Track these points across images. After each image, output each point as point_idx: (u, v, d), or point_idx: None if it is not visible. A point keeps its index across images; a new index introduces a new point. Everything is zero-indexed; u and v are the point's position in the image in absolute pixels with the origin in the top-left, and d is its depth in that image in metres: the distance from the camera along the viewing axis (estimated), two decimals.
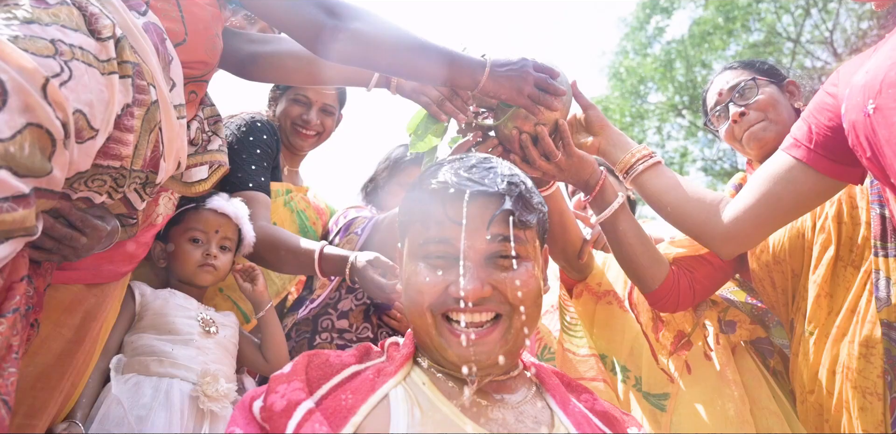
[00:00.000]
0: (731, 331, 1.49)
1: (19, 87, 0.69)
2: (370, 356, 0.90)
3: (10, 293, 0.84)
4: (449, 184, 0.80)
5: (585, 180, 1.33)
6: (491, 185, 0.80)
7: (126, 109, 0.86)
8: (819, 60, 12.01)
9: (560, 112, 1.25)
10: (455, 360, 0.79)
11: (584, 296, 1.72)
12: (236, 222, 1.49)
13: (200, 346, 1.34)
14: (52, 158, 0.75)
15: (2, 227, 0.69)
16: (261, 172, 1.69)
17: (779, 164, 1.10)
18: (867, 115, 0.87)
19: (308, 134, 1.90)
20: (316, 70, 1.34)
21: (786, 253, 1.33)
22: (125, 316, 1.35)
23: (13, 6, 0.77)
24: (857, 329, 1.13)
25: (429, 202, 0.82)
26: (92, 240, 0.99)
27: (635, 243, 1.33)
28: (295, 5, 1.09)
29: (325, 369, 0.82)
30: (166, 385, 1.24)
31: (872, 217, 1.18)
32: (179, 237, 1.47)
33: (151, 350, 1.29)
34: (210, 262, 1.45)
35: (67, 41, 0.78)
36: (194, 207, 1.48)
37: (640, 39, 13.33)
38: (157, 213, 1.29)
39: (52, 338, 1.11)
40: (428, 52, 1.14)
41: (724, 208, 1.16)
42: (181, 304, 1.40)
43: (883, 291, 1.12)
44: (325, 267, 1.48)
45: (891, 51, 0.87)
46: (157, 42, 0.95)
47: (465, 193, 0.78)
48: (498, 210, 0.79)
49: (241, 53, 1.30)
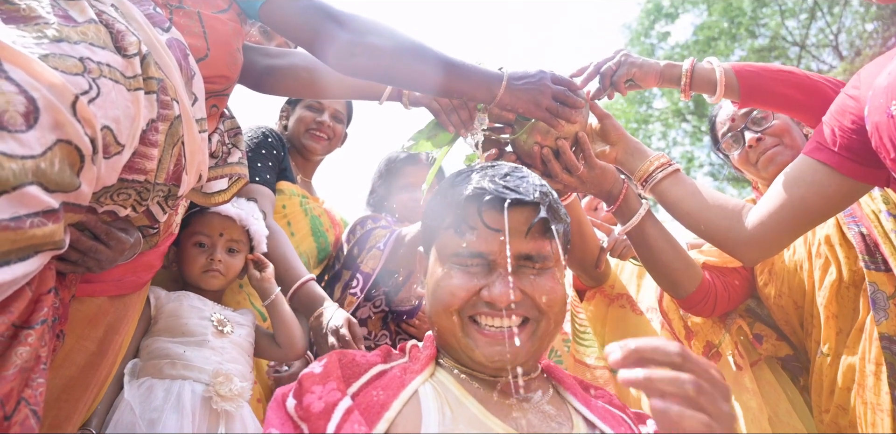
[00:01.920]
0: (759, 344, 1.49)
1: (50, 104, 0.71)
2: (392, 357, 0.92)
3: (38, 305, 0.85)
4: (487, 190, 0.81)
5: (608, 191, 1.33)
6: (526, 193, 0.82)
7: (151, 124, 0.88)
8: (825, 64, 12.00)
9: (579, 124, 1.25)
10: (482, 360, 0.80)
11: (597, 298, 1.72)
12: (242, 224, 1.47)
13: (214, 346, 1.34)
14: (81, 174, 0.77)
15: (32, 242, 0.71)
16: (266, 170, 1.74)
17: (802, 167, 1.09)
18: (890, 116, 0.87)
19: (321, 136, 1.97)
20: (330, 83, 1.35)
21: (786, 286, 1.34)
22: (142, 320, 1.34)
23: (43, 25, 0.79)
24: (865, 347, 1.14)
25: (464, 207, 0.83)
26: (116, 252, 1.01)
27: (666, 248, 1.31)
28: (312, 20, 1.10)
29: (353, 368, 0.84)
30: (178, 387, 1.24)
31: (852, 236, 1.21)
32: (186, 241, 1.46)
33: (165, 353, 1.29)
34: (215, 268, 1.43)
35: (95, 59, 0.80)
36: (199, 211, 1.46)
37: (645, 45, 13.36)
38: (176, 223, 1.31)
39: (76, 350, 1.13)
40: (444, 65, 1.14)
41: (747, 214, 1.15)
42: (195, 306, 1.39)
43: (881, 306, 1.13)
44: (298, 298, 1.48)
45: None
46: (181, 58, 0.97)
47: (505, 201, 0.80)
48: (535, 218, 0.81)
49: (258, 67, 1.32)
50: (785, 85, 1.19)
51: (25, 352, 0.80)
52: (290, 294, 1.50)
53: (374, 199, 2.13)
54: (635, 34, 13.40)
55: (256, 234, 1.50)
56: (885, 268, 1.18)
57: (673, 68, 1.28)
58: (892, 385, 1.08)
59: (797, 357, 1.46)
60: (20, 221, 0.67)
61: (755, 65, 1.25)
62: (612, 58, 1.33)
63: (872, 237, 1.22)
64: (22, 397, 0.83)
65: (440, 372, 0.85)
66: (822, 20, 11.68)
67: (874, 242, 1.21)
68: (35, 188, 0.69)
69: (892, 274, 1.17)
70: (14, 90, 0.68)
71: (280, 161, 1.83)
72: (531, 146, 1.26)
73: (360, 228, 1.88)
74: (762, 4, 11.98)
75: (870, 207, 1.24)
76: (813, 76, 1.20)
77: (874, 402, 1.09)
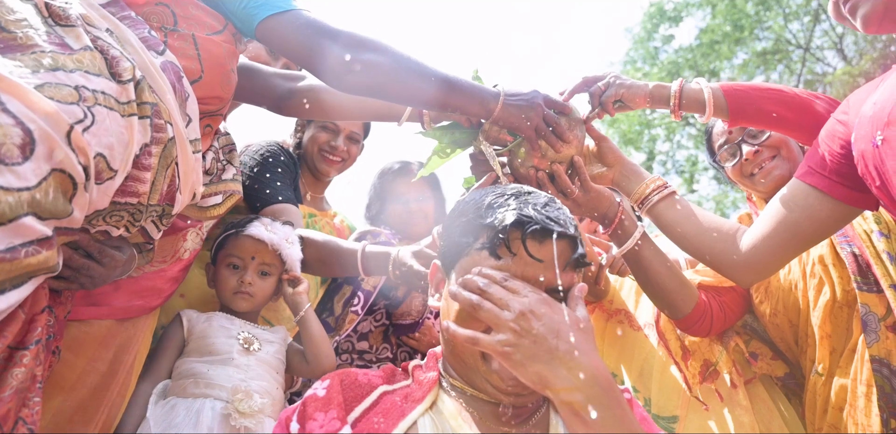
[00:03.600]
0: (754, 361, 1.49)
1: (45, 135, 0.72)
2: (396, 378, 0.93)
3: (32, 325, 0.87)
4: (533, 219, 0.81)
5: (604, 213, 1.34)
6: (566, 227, 0.82)
7: (144, 149, 0.89)
8: (829, 66, 11.98)
9: (575, 148, 1.26)
10: (499, 385, 0.81)
11: (596, 313, 1.72)
12: (274, 248, 1.47)
13: (239, 364, 1.35)
14: (73, 200, 0.78)
15: (27, 270, 0.72)
16: (286, 187, 1.74)
17: (795, 191, 1.10)
18: (876, 146, 0.88)
19: (334, 160, 1.96)
20: (350, 105, 1.36)
21: (780, 305, 1.35)
22: (174, 343, 1.37)
23: (39, 53, 0.80)
24: (857, 367, 1.15)
25: (506, 232, 0.81)
26: (109, 269, 1.02)
27: (661, 270, 1.33)
28: (308, 38, 1.11)
29: (356, 390, 0.85)
30: (199, 405, 1.25)
31: (845, 256, 1.21)
32: (220, 262, 1.49)
33: (190, 372, 1.31)
34: (244, 290, 1.45)
35: (90, 87, 0.81)
36: (234, 233, 1.48)
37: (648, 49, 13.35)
38: (184, 249, 1.32)
39: (87, 372, 1.14)
40: (441, 81, 1.15)
41: (741, 237, 1.16)
42: (223, 325, 1.41)
43: (872, 328, 1.14)
44: (368, 265, 1.45)
45: (894, 85, 0.88)
46: (174, 80, 0.98)
47: (551, 232, 0.80)
48: (574, 254, 0.82)
49: (279, 91, 1.33)
50: (773, 103, 1.20)
51: (21, 373, 0.81)
52: (360, 266, 1.45)
53: (370, 213, 2.16)
54: (638, 38, 13.39)
55: (289, 258, 1.49)
56: (876, 289, 1.19)
57: (662, 89, 1.29)
58: (882, 407, 1.09)
59: (794, 375, 1.46)
60: (15, 252, 0.69)
61: (744, 84, 1.26)
62: (602, 78, 1.34)
63: (864, 257, 1.22)
64: (19, 417, 0.84)
65: (442, 399, 0.86)
66: (825, 22, 11.66)
67: (866, 263, 1.22)
68: (30, 219, 0.70)
69: (884, 295, 1.17)
70: (11, 122, 0.69)
71: (293, 180, 1.82)
72: (528, 170, 1.27)
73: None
74: (766, 7, 11.96)
75: (862, 227, 1.25)
76: (801, 93, 1.21)
77: (864, 424, 1.10)
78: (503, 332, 0.71)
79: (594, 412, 0.67)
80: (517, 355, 0.70)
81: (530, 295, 0.74)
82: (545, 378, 0.68)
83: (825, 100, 1.20)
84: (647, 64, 13.48)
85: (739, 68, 12.55)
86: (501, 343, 0.71)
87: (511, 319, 0.72)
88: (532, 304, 0.73)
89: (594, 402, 0.67)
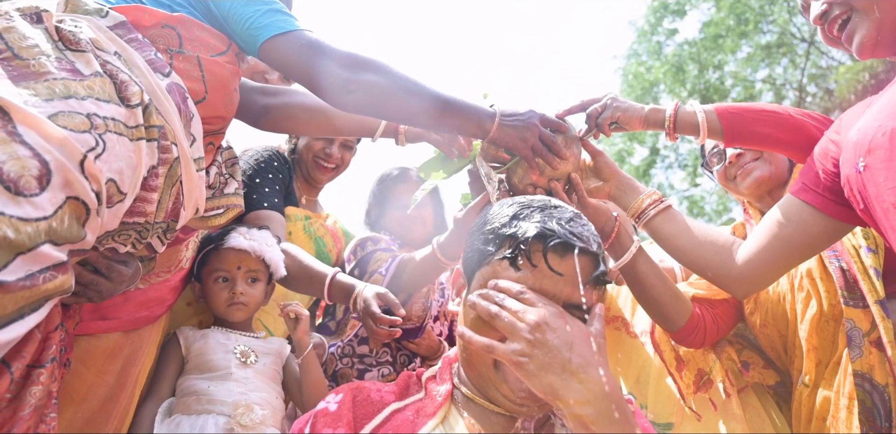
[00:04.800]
0: (745, 371, 1.52)
1: (60, 165, 0.75)
2: (409, 391, 0.95)
3: (47, 343, 0.90)
4: (556, 233, 0.82)
5: (601, 228, 1.37)
6: (589, 243, 0.84)
7: (151, 171, 0.92)
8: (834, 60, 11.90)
9: (572, 165, 1.29)
10: (508, 394, 0.83)
11: None
12: (257, 255, 1.51)
13: (238, 377, 1.39)
14: (86, 224, 0.81)
15: (45, 294, 0.75)
16: (274, 194, 1.76)
17: (789, 206, 1.13)
18: (858, 171, 0.91)
19: (328, 167, 1.99)
20: (324, 121, 1.39)
21: (770, 316, 1.38)
22: (174, 362, 1.42)
23: (52, 81, 0.82)
24: (840, 380, 1.18)
25: (529, 244, 0.82)
26: (116, 283, 1.06)
27: (657, 283, 1.36)
28: (309, 59, 1.13)
29: (367, 407, 0.88)
30: (202, 421, 1.30)
31: (833, 270, 1.24)
32: (207, 278, 1.52)
33: (192, 390, 1.36)
34: (237, 301, 1.49)
35: (101, 114, 0.84)
36: (214, 248, 1.52)
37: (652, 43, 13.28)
38: (186, 258, 1.36)
39: (97, 385, 1.19)
40: (438, 101, 1.18)
41: (737, 250, 1.19)
42: (220, 342, 1.45)
43: (856, 343, 1.17)
44: (333, 292, 1.51)
45: (878, 112, 0.91)
46: (180, 102, 1.01)
47: (573, 247, 0.81)
48: (596, 271, 0.83)
49: (256, 106, 1.36)
50: (767, 125, 1.22)
51: (38, 391, 0.85)
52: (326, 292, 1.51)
53: (370, 219, 2.18)
54: (642, 31, 13.32)
55: (272, 261, 1.53)
56: (862, 304, 1.22)
57: (657, 113, 1.32)
58: (863, 421, 1.12)
59: (784, 383, 1.50)
60: (34, 279, 0.71)
61: (737, 106, 1.28)
62: (599, 100, 1.36)
63: (852, 272, 1.25)
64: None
65: (454, 413, 0.88)
66: None
67: (853, 278, 1.25)
68: (47, 246, 0.73)
69: (869, 311, 1.20)
70: (28, 154, 0.72)
71: (286, 185, 1.85)
72: (526, 186, 1.30)
73: (360, 250, 1.92)
74: (770, 1, 11.87)
75: (850, 242, 1.28)
76: (796, 114, 1.23)
77: None
78: (518, 341, 0.74)
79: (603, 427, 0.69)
80: (530, 365, 0.72)
81: (547, 307, 0.77)
82: (557, 389, 0.70)
83: (819, 120, 1.22)
84: (650, 58, 13.42)
85: (744, 62, 12.49)
86: (516, 352, 0.73)
87: (526, 330, 0.74)
88: (548, 316, 0.75)
89: (604, 416, 0.69)
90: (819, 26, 1.07)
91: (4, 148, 0.71)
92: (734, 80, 12.70)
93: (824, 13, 1.04)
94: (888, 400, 1.13)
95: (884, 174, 0.85)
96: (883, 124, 0.87)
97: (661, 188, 13.36)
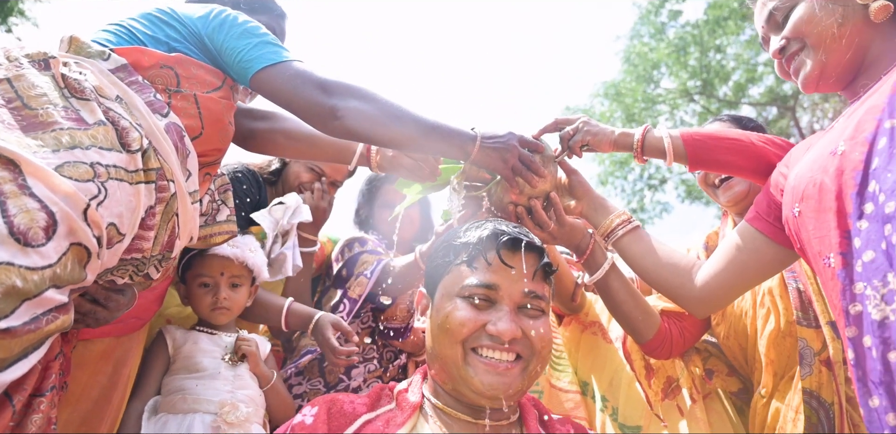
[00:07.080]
0: (709, 378, 1.61)
1: (66, 215, 0.81)
2: (381, 403, 1.04)
3: (47, 373, 0.97)
4: (506, 232, 0.99)
5: (577, 244, 1.45)
6: (534, 241, 1.01)
7: (149, 211, 0.99)
8: None
9: (550, 183, 1.36)
10: (479, 388, 0.93)
11: (573, 324, 1.85)
12: (239, 261, 1.58)
13: (227, 376, 1.47)
14: (87, 266, 0.87)
15: (48, 335, 0.81)
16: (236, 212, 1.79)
17: (744, 233, 1.20)
18: (794, 216, 0.97)
19: None
20: (304, 148, 1.47)
21: (732, 330, 1.46)
22: (161, 360, 1.49)
23: (58, 131, 0.88)
24: (791, 395, 1.26)
25: (482, 244, 0.99)
26: (113, 311, 1.13)
27: (628, 299, 1.44)
28: (298, 88, 1.19)
29: (341, 419, 0.97)
30: (189, 420, 1.37)
31: (790, 290, 1.31)
32: (191, 283, 1.59)
33: (178, 388, 1.42)
34: (221, 305, 1.56)
35: (104, 162, 0.90)
36: (199, 253, 1.58)
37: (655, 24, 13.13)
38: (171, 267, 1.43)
39: (90, 386, 1.27)
40: (422, 127, 1.23)
41: (696, 273, 1.26)
42: (207, 343, 1.53)
43: (807, 361, 1.25)
44: (291, 321, 1.69)
45: (813, 162, 0.96)
46: (177, 140, 1.07)
47: (521, 242, 0.98)
48: (541, 262, 0.99)
49: (243, 129, 1.42)
50: (728, 152, 1.28)
51: (39, 418, 0.92)
52: (283, 323, 1.66)
53: (359, 219, 2.26)
54: (645, 12, 13.15)
55: (255, 266, 1.61)
56: (815, 325, 1.29)
57: (626, 137, 1.38)
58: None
59: (747, 390, 1.58)
60: (38, 322, 0.78)
61: (702, 132, 1.33)
62: (573, 121, 1.43)
63: (807, 294, 1.32)
64: None
65: (422, 423, 0.98)
66: None
67: (808, 299, 1.32)
68: (51, 291, 0.79)
69: (821, 331, 1.28)
70: (37, 206, 0.78)
71: (255, 205, 1.84)
72: (506, 204, 1.38)
73: (347, 251, 2.00)
74: None
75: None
76: (758, 141, 1.28)
77: None
78: None
79: None
80: None
81: None
82: None
83: (780, 145, 1.28)
84: (653, 39, 13.28)
85: (746, 44, 12.37)
86: None
87: None
88: None
89: None
90: (777, 60, 1.12)
91: (15, 201, 0.77)
92: (736, 62, 12.61)
93: (782, 48, 1.09)
94: (832, 417, 1.21)
95: (813, 223, 0.91)
96: (814, 177, 0.92)
97: (658, 170, 13.38)
